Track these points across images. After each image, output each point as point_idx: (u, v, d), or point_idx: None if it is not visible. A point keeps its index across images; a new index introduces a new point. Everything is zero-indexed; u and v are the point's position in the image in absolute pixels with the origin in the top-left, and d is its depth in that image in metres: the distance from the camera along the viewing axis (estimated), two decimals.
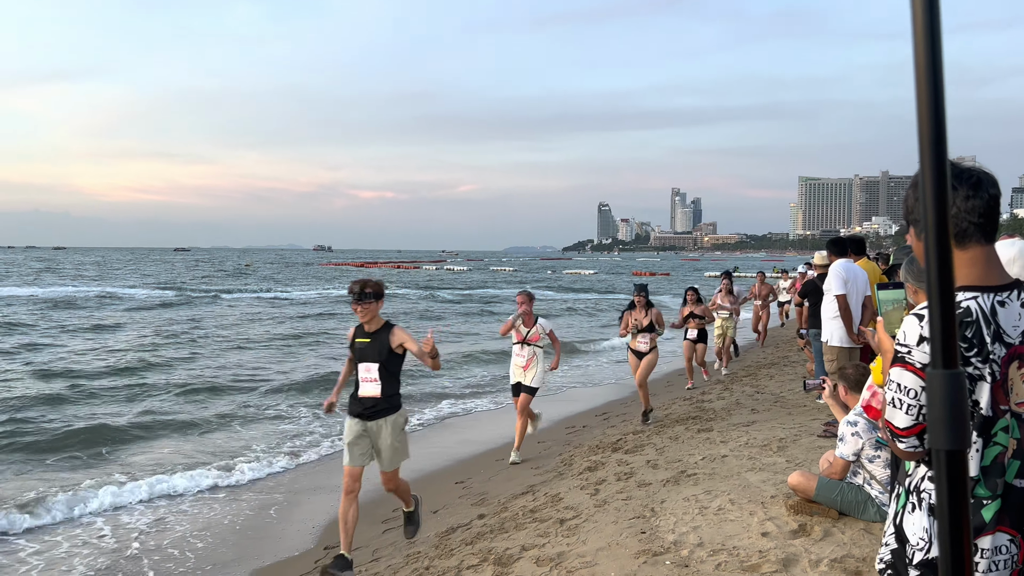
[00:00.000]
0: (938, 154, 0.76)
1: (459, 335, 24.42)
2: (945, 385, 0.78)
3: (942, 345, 0.77)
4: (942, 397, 0.78)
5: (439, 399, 13.42)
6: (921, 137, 0.76)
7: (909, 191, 1.93)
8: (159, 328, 24.80)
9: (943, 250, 0.76)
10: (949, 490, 0.77)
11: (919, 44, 0.73)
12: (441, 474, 8.69)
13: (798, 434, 7.56)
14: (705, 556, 4.60)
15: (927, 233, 0.77)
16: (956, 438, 0.78)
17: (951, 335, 0.76)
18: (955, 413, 0.77)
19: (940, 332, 0.77)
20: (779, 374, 12.71)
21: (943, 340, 0.77)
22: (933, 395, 0.78)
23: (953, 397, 0.77)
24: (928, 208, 0.77)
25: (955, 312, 0.76)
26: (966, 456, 0.78)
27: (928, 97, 0.75)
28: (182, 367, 16.83)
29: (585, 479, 6.92)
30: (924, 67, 0.74)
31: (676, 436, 8.27)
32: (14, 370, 15.92)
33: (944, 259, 0.75)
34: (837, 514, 5.03)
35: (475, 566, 4.99)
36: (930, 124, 0.76)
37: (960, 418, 0.78)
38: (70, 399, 13.05)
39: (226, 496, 8.17)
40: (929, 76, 0.74)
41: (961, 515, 0.77)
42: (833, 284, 7.49)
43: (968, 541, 0.78)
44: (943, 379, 0.78)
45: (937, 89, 0.75)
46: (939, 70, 0.73)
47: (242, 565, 6.36)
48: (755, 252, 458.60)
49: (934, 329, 0.77)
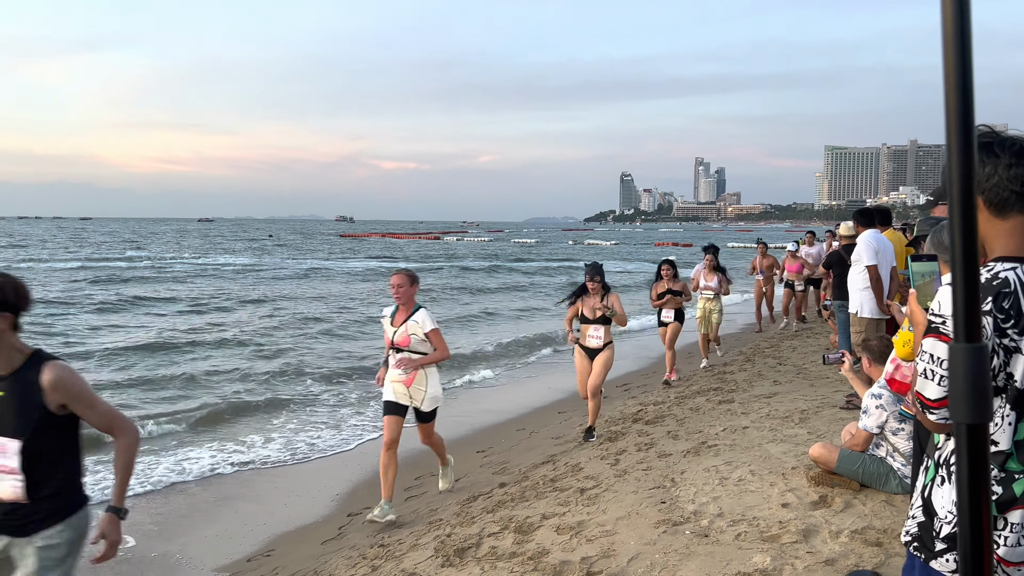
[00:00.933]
0: (965, 123, 0.75)
1: (483, 310, 24.49)
2: (969, 358, 0.78)
3: (965, 318, 0.76)
4: (965, 371, 0.78)
5: (464, 369, 13.53)
6: (948, 105, 0.75)
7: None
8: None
9: (968, 222, 0.74)
10: (970, 464, 0.77)
11: (946, 7, 0.71)
12: (462, 443, 8.78)
13: (820, 406, 7.54)
14: (725, 526, 4.62)
15: (951, 204, 0.75)
16: (978, 412, 0.77)
17: (974, 308, 0.75)
18: (978, 387, 0.77)
19: (963, 305, 0.76)
20: (802, 345, 12.63)
21: (966, 313, 0.76)
22: (955, 369, 0.77)
23: (976, 371, 0.77)
24: (953, 178, 0.75)
25: (978, 285, 0.75)
26: (987, 430, 0.77)
27: (955, 63, 0.73)
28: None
29: (605, 449, 6.96)
30: (951, 31, 0.72)
31: (697, 407, 8.27)
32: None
33: (969, 232, 0.74)
34: (858, 486, 5.03)
35: (496, 534, 5.05)
36: (957, 92, 0.74)
37: (983, 392, 0.77)
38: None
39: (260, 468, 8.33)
40: (956, 41, 0.72)
41: (981, 489, 0.77)
42: (865, 254, 7.37)
43: (987, 515, 0.77)
44: (967, 352, 0.78)
45: (965, 54, 0.73)
46: (967, 35, 0.71)
47: (269, 529, 6.49)
48: (779, 222, 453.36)
49: (957, 302, 0.76)
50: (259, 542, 6.25)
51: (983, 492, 0.77)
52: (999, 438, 1.76)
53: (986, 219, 1.84)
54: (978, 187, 1.83)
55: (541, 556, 4.50)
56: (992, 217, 1.82)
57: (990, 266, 1.80)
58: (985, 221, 1.85)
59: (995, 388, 1.75)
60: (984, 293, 1.75)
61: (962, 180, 0.75)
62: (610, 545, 4.54)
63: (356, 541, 5.71)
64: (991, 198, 1.81)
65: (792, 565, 4.00)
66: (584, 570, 4.24)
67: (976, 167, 0.77)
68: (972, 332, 0.76)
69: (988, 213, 1.83)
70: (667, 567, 4.14)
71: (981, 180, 1.81)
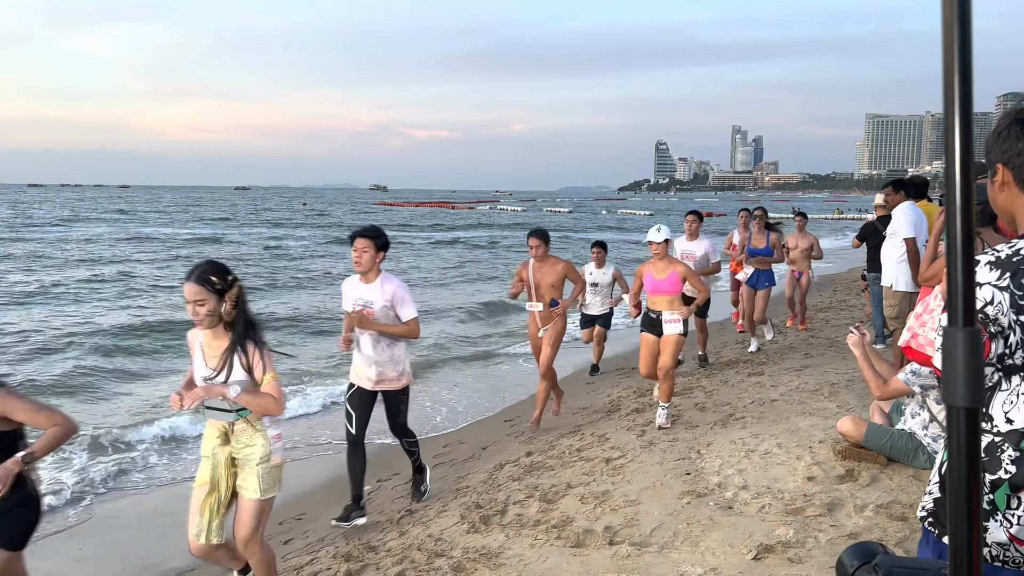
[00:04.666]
0: (964, 93, 0.74)
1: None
2: (964, 342, 0.77)
3: (963, 302, 0.76)
4: (961, 354, 0.77)
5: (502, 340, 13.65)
6: (946, 73, 0.74)
7: (991, 135, 1.86)
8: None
9: (967, 206, 0.73)
10: (964, 446, 0.77)
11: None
12: (491, 413, 8.86)
13: (851, 379, 7.46)
14: (749, 498, 4.63)
15: (948, 180, 0.74)
16: (973, 395, 0.77)
17: (970, 292, 0.74)
18: (973, 370, 0.76)
19: (961, 289, 0.75)
20: (835, 318, 12.48)
21: (964, 297, 0.75)
22: (950, 353, 0.77)
23: (971, 355, 0.76)
24: (951, 161, 0.74)
25: (974, 269, 0.74)
26: (979, 413, 0.77)
27: (957, 38, 0.72)
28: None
29: (632, 420, 6.98)
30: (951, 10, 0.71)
31: (726, 380, 8.24)
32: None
33: (967, 215, 0.73)
34: (886, 460, 4.99)
35: (521, 501, 5.12)
36: (958, 60, 0.73)
37: (977, 376, 0.77)
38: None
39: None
40: (958, 20, 0.71)
41: (973, 472, 0.77)
42: (902, 226, 7.16)
43: (978, 497, 0.78)
44: (962, 336, 0.77)
45: (964, 19, 0.72)
46: (967, 16, 0.70)
47: (298, 492, 6.64)
48: (818, 192, 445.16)
49: (953, 285, 0.76)
50: (289, 504, 6.40)
51: (975, 475, 0.77)
52: (1014, 416, 1.74)
53: (1016, 194, 1.80)
54: (1010, 162, 1.79)
55: (565, 524, 4.56)
56: (1022, 193, 1.79)
57: (1014, 243, 1.77)
58: (1016, 196, 1.81)
59: (1012, 366, 1.73)
60: (1003, 269, 1.72)
61: (963, 164, 0.74)
62: (634, 515, 4.57)
63: (384, 507, 5.82)
64: (1021, 175, 1.77)
65: (815, 538, 4.00)
66: (607, 539, 4.29)
67: (973, 138, 0.77)
68: (968, 316, 0.75)
69: (1018, 188, 1.79)
70: (689, 537, 4.17)
71: (1013, 155, 1.77)
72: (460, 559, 4.28)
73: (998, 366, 1.76)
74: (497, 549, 4.35)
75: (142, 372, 11.33)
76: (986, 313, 1.72)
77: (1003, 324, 1.71)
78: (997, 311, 1.71)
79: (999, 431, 1.77)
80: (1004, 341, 1.72)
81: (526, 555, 4.22)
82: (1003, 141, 1.78)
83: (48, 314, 16.01)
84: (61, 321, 15.13)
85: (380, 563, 4.52)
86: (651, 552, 4.06)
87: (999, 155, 1.80)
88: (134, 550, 5.56)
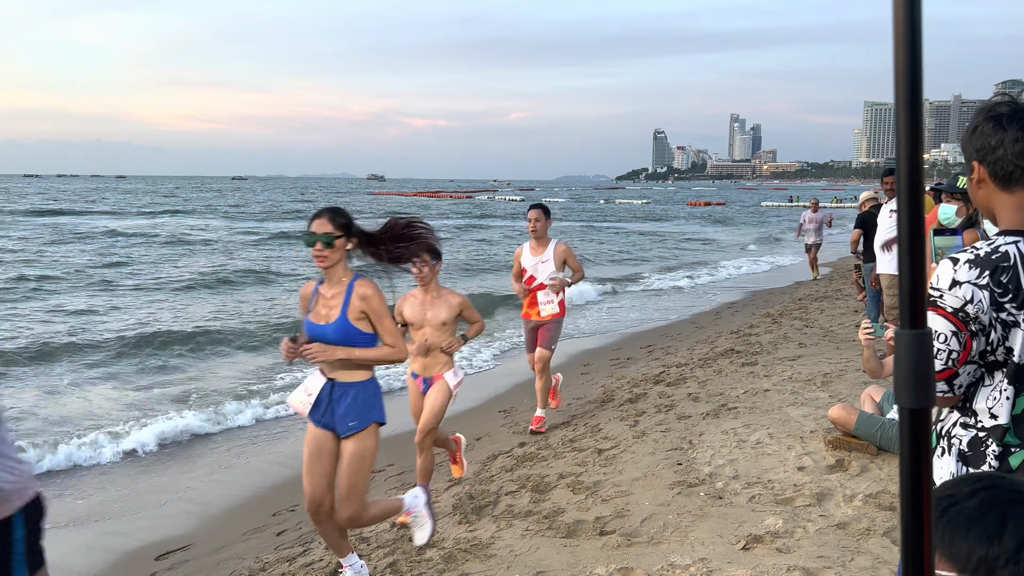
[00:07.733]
0: (913, 88, 0.73)
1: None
2: (913, 345, 0.77)
3: (910, 304, 0.75)
4: (910, 357, 0.77)
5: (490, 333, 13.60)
6: (897, 64, 0.73)
7: (965, 133, 1.86)
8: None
9: (914, 200, 0.73)
10: (911, 447, 0.77)
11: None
12: (485, 403, 8.87)
13: (844, 369, 7.48)
14: (739, 488, 4.65)
15: (899, 175, 0.74)
16: (923, 396, 0.77)
17: (920, 293, 0.74)
18: (922, 372, 0.76)
19: (908, 290, 0.75)
20: (830, 307, 12.50)
21: (911, 299, 0.75)
22: (900, 355, 0.77)
23: (919, 357, 0.76)
24: (900, 149, 0.74)
25: (924, 268, 0.74)
26: (929, 414, 0.77)
27: (904, 27, 0.71)
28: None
29: (625, 411, 6.99)
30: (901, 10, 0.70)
31: (720, 369, 8.25)
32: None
33: (915, 216, 0.73)
34: (876, 450, 5.01)
35: (513, 492, 5.13)
36: (906, 50, 0.72)
37: (926, 377, 0.77)
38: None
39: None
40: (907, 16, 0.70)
41: (923, 472, 0.77)
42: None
43: (928, 497, 0.78)
44: (911, 339, 0.77)
45: (914, 24, 0.71)
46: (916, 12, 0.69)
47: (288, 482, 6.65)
48: (816, 180, 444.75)
49: (903, 287, 0.75)
50: (283, 495, 6.41)
51: (925, 475, 0.77)
52: (998, 411, 1.75)
53: (993, 191, 1.81)
54: (984, 159, 1.79)
55: (556, 515, 4.57)
56: (998, 190, 1.79)
57: (993, 240, 1.77)
58: (993, 193, 1.82)
59: (994, 363, 1.73)
60: (983, 267, 1.73)
61: (909, 161, 0.73)
62: (624, 505, 4.59)
63: (377, 497, 5.83)
64: (996, 171, 1.78)
65: (804, 528, 4.02)
66: (597, 529, 4.30)
67: (923, 136, 0.76)
68: (917, 318, 0.75)
69: (994, 186, 1.79)
70: (679, 528, 4.19)
71: (987, 152, 1.77)
72: (451, 550, 4.30)
73: (980, 363, 1.76)
74: (488, 540, 4.37)
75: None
76: (967, 312, 1.72)
77: (984, 322, 1.72)
78: (977, 309, 1.72)
79: (983, 426, 1.78)
80: (985, 338, 1.73)
81: (516, 546, 4.24)
82: (976, 138, 1.79)
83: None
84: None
85: (372, 554, 4.55)
86: (641, 542, 4.07)
87: (973, 152, 1.80)
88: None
